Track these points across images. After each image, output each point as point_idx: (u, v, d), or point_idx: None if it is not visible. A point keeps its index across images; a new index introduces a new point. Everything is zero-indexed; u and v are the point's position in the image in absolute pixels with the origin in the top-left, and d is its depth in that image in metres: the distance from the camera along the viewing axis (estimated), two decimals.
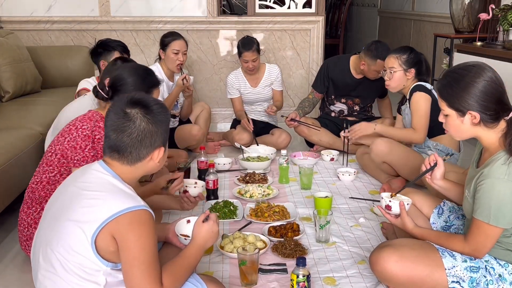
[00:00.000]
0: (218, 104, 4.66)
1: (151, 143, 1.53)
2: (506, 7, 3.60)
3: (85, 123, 2.09)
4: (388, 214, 2.00)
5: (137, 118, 1.50)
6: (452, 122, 1.78)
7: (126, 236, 1.41)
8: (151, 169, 1.60)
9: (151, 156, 1.55)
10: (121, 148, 1.51)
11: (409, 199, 2.03)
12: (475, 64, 1.77)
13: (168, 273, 1.49)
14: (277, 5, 4.71)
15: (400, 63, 2.98)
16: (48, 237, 1.47)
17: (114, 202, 1.42)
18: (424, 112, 2.91)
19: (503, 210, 1.65)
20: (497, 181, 1.64)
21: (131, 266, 1.41)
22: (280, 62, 4.68)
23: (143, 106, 1.53)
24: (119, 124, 1.50)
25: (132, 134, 1.50)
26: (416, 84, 2.97)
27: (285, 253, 2.23)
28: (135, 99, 1.55)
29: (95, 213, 1.41)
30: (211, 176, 2.82)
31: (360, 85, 3.75)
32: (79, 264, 1.42)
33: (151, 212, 1.47)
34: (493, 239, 1.72)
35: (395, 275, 1.81)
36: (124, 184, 1.51)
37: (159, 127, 1.54)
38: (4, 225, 2.66)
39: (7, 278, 2.19)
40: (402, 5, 6.19)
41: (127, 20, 4.52)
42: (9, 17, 4.42)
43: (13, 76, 3.60)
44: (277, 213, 2.60)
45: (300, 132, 3.83)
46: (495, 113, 1.70)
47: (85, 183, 1.50)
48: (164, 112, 1.58)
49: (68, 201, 1.49)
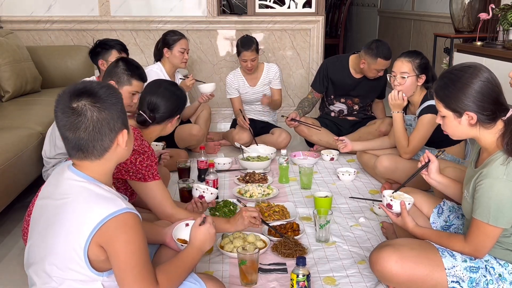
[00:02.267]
0: (218, 104, 4.66)
1: (111, 130, 1.42)
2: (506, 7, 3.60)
3: None
4: (390, 212, 2.01)
5: (87, 110, 1.38)
6: (449, 123, 1.78)
7: (113, 244, 1.36)
8: (122, 155, 1.50)
9: (117, 142, 1.45)
10: (83, 146, 1.40)
11: (411, 198, 2.03)
12: (471, 65, 1.77)
13: (164, 273, 1.48)
14: (277, 5, 4.71)
15: (413, 67, 2.80)
16: (41, 257, 1.43)
17: (94, 212, 1.36)
18: (424, 136, 2.81)
19: (502, 210, 1.65)
20: (496, 181, 1.64)
21: (123, 272, 1.38)
22: (280, 62, 4.68)
23: (89, 95, 1.39)
24: (71, 121, 1.38)
25: (88, 128, 1.38)
26: (430, 104, 2.76)
27: (285, 252, 2.23)
28: (77, 90, 1.40)
29: (79, 227, 1.35)
30: (211, 176, 2.82)
31: (360, 84, 3.75)
32: (73, 281, 1.40)
33: (135, 212, 1.41)
34: (493, 239, 1.72)
35: (395, 274, 1.81)
36: (100, 186, 1.43)
37: (113, 111, 1.42)
38: (5, 224, 2.66)
39: (9, 275, 2.19)
40: (402, 5, 6.18)
41: (127, 20, 4.53)
42: (9, 17, 4.42)
43: (13, 76, 3.60)
44: (277, 213, 2.60)
45: (300, 132, 3.83)
46: (491, 113, 1.70)
47: (62, 195, 1.42)
48: (112, 93, 1.44)
49: (52, 218, 1.42)
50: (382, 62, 3.49)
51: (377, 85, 3.75)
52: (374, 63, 3.50)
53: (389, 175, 2.97)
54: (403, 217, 1.96)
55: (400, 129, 2.89)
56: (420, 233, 1.94)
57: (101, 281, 1.42)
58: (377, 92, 3.83)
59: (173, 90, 2.24)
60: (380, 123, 3.71)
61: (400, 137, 2.90)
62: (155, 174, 2.11)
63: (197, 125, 3.73)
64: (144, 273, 1.40)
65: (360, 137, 3.66)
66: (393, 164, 2.93)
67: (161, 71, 3.59)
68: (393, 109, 2.90)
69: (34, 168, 2.80)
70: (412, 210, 2.15)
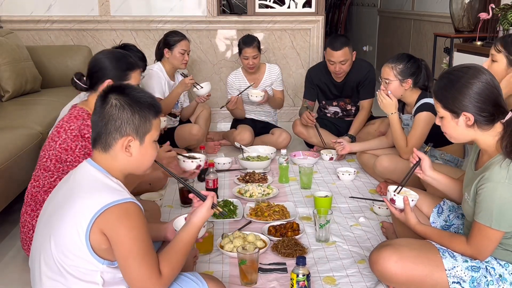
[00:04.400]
0: (218, 104, 4.66)
1: (116, 129, 1.47)
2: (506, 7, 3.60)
3: (72, 124, 2.06)
4: (393, 208, 1.99)
5: (111, 103, 1.47)
6: (447, 124, 1.78)
7: (116, 230, 1.38)
8: (130, 161, 1.51)
9: (121, 144, 1.48)
10: (96, 134, 1.50)
11: (416, 195, 2.01)
12: (471, 66, 1.76)
13: (166, 261, 1.48)
14: (277, 4, 4.71)
15: (395, 73, 2.82)
16: (45, 241, 1.46)
17: (99, 197, 1.40)
18: (422, 134, 2.81)
19: (504, 214, 1.65)
20: (499, 185, 1.64)
21: (126, 260, 1.39)
22: (280, 62, 4.68)
23: (119, 91, 1.49)
24: (97, 110, 1.50)
25: (103, 118, 1.47)
26: (425, 102, 2.80)
27: (285, 252, 2.23)
28: (114, 85, 1.53)
29: (83, 211, 1.39)
30: (211, 176, 2.82)
31: (344, 86, 3.74)
32: (75, 267, 1.41)
33: (139, 205, 1.45)
34: (495, 242, 1.71)
35: (395, 274, 1.81)
36: (111, 178, 1.48)
37: (127, 113, 1.47)
38: (4, 224, 2.66)
39: (7, 277, 2.19)
40: (402, 5, 6.19)
41: (127, 20, 4.52)
42: (9, 17, 4.42)
43: (13, 76, 3.59)
44: (277, 213, 2.60)
45: (299, 134, 3.83)
46: (489, 115, 1.69)
47: (74, 182, 1.49)
48: (140, 100, 1.49)
49: (61, 203, 1.47)
50: (329, 52, 3.54)
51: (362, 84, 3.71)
52: (327, 54, 3.57)
53: (388, 175, 2.97)
54: (406, 213, 1.95)
55: (397, 130, 2.89)
56: (422, 231, 1.93)
57: (100, 271, 1.43)
58: (365, 91, 3.73)
59: (110, 49, 2.19)
60: (380, 123, 3.71)
61: (398, 138, 2.89)
62: None
63: (197, 125, 3.73)
64: (148, 260, 1.41)
65: (359, 137, 3.66)
66: (392, 164, 2.92)
67: (161, 71, 3.59)
68: (386, 111, 2.91)
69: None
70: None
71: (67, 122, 2.08)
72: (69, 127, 2.06)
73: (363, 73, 3.68)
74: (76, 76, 2.12)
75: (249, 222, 2.55)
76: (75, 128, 2.05)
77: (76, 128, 2.05)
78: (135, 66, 2.15)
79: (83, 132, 2.05)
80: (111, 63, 2.09)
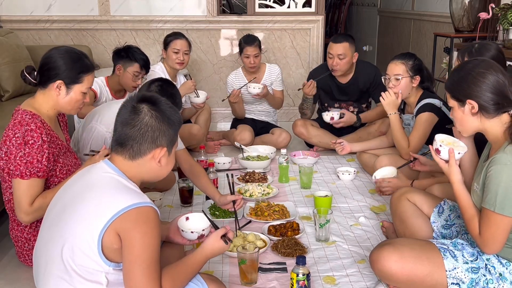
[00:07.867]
0: (218, 104, 4.66)
1: (153, 139, 1.51)
2: (506, 6, 3.60)
3: (16, 131, 1.97)
4: (438, 158, 1.89)
5: (142, 112, 1.50)
6: (456, 115, 1.80)
7: (131, 233, 1.39)
8: (154, 170, 1.56)
9: (153, 154, 1.52)
10: (123, 141, 1.51)
11: (464, 147, 1.88)
12: (483, 59, 1.81)
13: (169, 277, 1.48)
14: (277, 4, 4.71)
15: (407, 69, 2.82)
16: (53, 238, 1.47)
17: (120, 199, 1.41)
18: (424, 134, 2.81)
19: (509, 197, 1.62)
20: (505, 168, 1.63)
21: (132, 264, 1.40)
22: (280, 62, 4.68)
23: (152, 102, 1.53)
24: (127, 118, 1.51)
25: (135, 127, 1.49)
26: (427, 103, 2.80)
27: (285, 252, 2.23)
28: (146, 96, 1.55)
29: (101, 211, 1.40)
30: (210, 175, 2.82)
31: (349, 88, 3.74)
32: (82, 266, 1.41)
33: (157, 210, 1.47)
34: (504, 231, 1.66)
35: (395, 274, 1.81)
36: (128, 181, 1.50)
37: (164, 125, 1.52)
38: (4, 224, 2.66)
39: (7, 277, 2.19)
40: (402, 5, 6.18)
41: (127, 20, 4.52)
42: (9, 16, 4.42)
43: (13, 76, 3.59)
44: (277, 212, 2.60)
45: (299, 134, 3.83)
46: (494, 103, 1.71)
47: (88, 181, 1.50)
48: (174, 113, 1.56)
49: (72, 201, 1.48)
50: (330, 45, 3.59)
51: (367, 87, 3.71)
52: (328, 47, 3.61)
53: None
54: (450, 165, 1.85)
55: (398, 130, 2.89)
56: (457, 190, 1.81)
57: (106, 272, 1.43)
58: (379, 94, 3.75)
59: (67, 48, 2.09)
60: (380, 123, 3.71)
61: (399, 138, 2.89)
62: (33, 172, 1.95)
63: (197, 124, 3.74)
64: (151, 270, 1.41)
65: (360, 137, 3.66)
66: (392, 164, 2.92)
67: (162, 71, 3.59)
68: (388, 110, 2.90)
69: None
70: (412, 210, 2.15)
71: (12, 129, 1.99)
72: (14, 135, 1.97)
73: (370, 76, 3.68)
74: (26, 70, 2.04)
75: (249, 222, 2.54)
76: (20, 137, 1.96)
77: (20, 136, 1.96)
78: (90, 69, 2.08)
79: (26, 139, 1.95)
80: (65, 64, 2.01)
